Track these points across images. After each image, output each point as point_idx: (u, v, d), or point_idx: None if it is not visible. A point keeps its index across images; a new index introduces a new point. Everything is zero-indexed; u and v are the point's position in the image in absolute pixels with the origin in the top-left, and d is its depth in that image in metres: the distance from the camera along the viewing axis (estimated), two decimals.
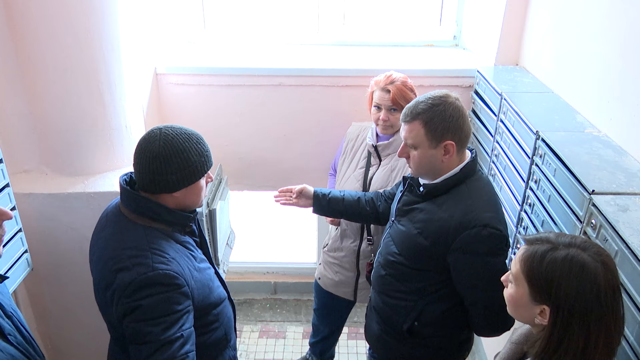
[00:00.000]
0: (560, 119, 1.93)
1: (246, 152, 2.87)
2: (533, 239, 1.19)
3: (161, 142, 1.42)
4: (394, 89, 2.19)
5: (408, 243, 1.76)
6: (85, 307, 2.28)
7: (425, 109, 1.64)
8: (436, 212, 1.69)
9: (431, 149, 1.66)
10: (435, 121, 1.63)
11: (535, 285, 1.14)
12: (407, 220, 1.79)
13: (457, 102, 1.66)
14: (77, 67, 2.01)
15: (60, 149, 2.17)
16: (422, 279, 1.78)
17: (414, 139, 1.67)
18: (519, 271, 1.18)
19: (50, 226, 2.19)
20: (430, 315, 1.81)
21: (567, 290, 1.09)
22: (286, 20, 3.03)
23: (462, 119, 1.65)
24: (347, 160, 2.45)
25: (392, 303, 1.88)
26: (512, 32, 2.54)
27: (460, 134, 1.65)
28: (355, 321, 3.39)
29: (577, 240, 1.14)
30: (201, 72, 2.67)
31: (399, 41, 3.04)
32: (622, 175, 1.55)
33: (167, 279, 1.39)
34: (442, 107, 1.63)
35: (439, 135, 1.63)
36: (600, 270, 1.09)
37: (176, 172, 1.43)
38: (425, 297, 1.80)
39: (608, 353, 1.12)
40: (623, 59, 1.73)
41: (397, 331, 1.88)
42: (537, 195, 1.81)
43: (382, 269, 1.89)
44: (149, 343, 1.36)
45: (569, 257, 1.10)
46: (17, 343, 1.25)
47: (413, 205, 1.77)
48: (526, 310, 1.19)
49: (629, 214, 1.37)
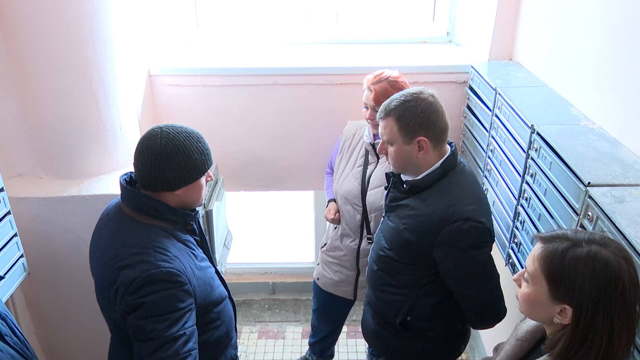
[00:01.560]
0: (555, 113, 1.93)
1: (241, 152, 2.87)
2: (550, 237, 1.16)
3: (162, 140, 1.43)
4: (377, 88, 2.19)
5: (396, 238, 1.79)
6: (83, 310, 2.27)
7: (398, 106, 1.68)
8: (420, 208, 1.72)
9: (405, 145, 1.69)
10: (407, 117, 1.66)
11: (557, 284, 1.12)
12: (395, 216, 1.81)
13: (431, 98, 1.68)
14: (70, 69, 2.01)
15: (54, 152, 2.16)
16: (412, 272, 1.81)
17: (389, 135, 1.71)
18: (537, 270, 1.15)
19: (46, 230, 2.18)
20: (422, 308, 1.83)
21: (591, 287, 1.07)
22: (279, 20, 3.02)
23: (436, 114, 1.67)
24: (344, 159, 2.44)
25: (384, 298, 1.90)
26: (505, 27, 2.54)
27: (434, 130, 1.67)
28: (355, 320, 3.39)
29: (596, 237, 1.12)
30: (195, 72, 2.67)
31: (392, 38, 3.04)
32: (617, 167, 1.55)
33: (170, 277, 1.39)
34: (414, 103, 1.66)
35: (412, 132, 1.66)
36: (624, 266, 1.07)
37: (177, 170, 1.45)
38: (416, 291, 1.82)
39: (628, 347, 1.11)
40: (616, 52, 1.73)
41: (391, 325, 1.91)
42: (533, 189, 1.81)
43: (375, 264, 1.91)
44: (153, 340, 1.36)
45: (592, 254, 1.08)
46: (13, 344, 1.25)
47: (399, 201, 1.80)
48: (544, 309, 1.16)
49: (625, 205, 1.37)
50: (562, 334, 1.14)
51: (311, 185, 3.01)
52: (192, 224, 1.58)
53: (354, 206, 2.36)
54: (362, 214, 2.35)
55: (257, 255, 3.83)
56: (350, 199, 2.36)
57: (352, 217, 2.38)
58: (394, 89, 2.20)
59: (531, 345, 1.32)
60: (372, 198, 2.30)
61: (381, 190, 2.27)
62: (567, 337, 1.12)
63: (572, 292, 1.10)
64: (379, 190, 2.29)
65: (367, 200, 2.31)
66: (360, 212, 2.35)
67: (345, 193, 2.37)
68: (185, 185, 1.48)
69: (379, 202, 2.28)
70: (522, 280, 1.23)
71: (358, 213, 2.36)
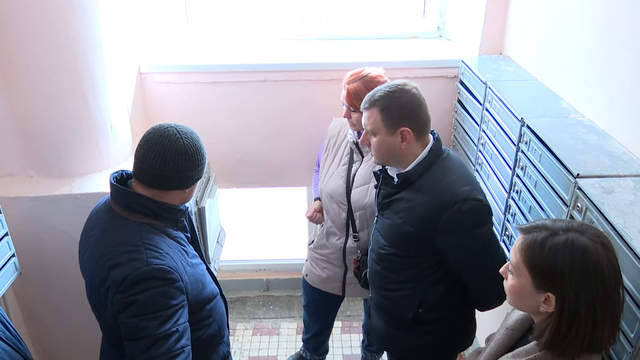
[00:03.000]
0: (544, 106, 1.94)
1: (233, 150, 2.86)
2: (529, 228, 1.18)
3: (184, 140, 1.45)
4: (351, 88, 2.17)
5: (395, 233, 1.79)
6: (76, 310, 2.26)
7: (382, 96, 1.69)
8: (416, 199, 1.72)
9: (389, 136, 1.70)
10: (392, 108, 1.68)
11: (538, 273, 1.13)
12: (390, 212, 1.81)
13: (415, 90, 1.70)
14: (59, 67, 1.99)
15: (45, 151, 2.15)
16: (416, 265, 1.80)
17: (372, 125, 1.72)
18: (520, 261, 1.17)
19: (38, 229, 2.17)
20: (431, 299, 1.83)
21: (571, 274, 1.09)
22: (270, 16, 3.02)
23: (419, 106, 1.69)
24: (329, 157, 2.43)
25: (392, 296, 1.89)
26: (495, 22, 2.55)
27: (417, 122, 1.69)
28: (349, 315, 3.41)
29: (574, 224, 1.14)
30: (185, 70, 2.66)
31: (383, 34, 3.04)
32: (606, 159, 1.57)
33: (162, 274, 1.39)
34: (399, 94, 1.68)
35: (396, 122, 1.68)
36: (601, 251, 1.09)
37: (196, 168, 1.49)
38: (422, 283, 1.81)
39: (613, 333, 1.13)
40: (604, 45, 1.75)
41: (402, 322, 1.88)
42: (523, 182, 1.82)
43: (377, 264, 1.89)
44: (145, 338, 1.36)
45: (569, 242, 1.10)
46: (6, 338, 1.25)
47: (392, 197, 1.79)
48: (530, 299, 1.18)
49: (613, 195, 1.38)
50: (548, 322, 1.15)
51: (304, 182, 3.01)
52: (182, 221, 1.58)
53: (339, 204, 2.35)
54: (347, 212, 2.34)
55: (251, 252, 3.82)
56: (336, 197, 2.35)
57: (337, 215, 2.38)
58: (368, 89, 2.08)
59: (521, 334, 1.34)
60: (356, 196, 2.30)
61: (365, 188, 2.28)
62: (552, 325, 1.14)
63: (553, 280, 1.12)
64: (363, 189, 2.28)
65: (352, 198, 2.31)
66: (345, 210, 2.34)
67: (331, 191, 2.36)
68: (195, 183, 1.53)
69: (363, 200, 2.28)
70: (507, 272, 1.24)
71: (343, 211, 2.35)
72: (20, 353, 1.28)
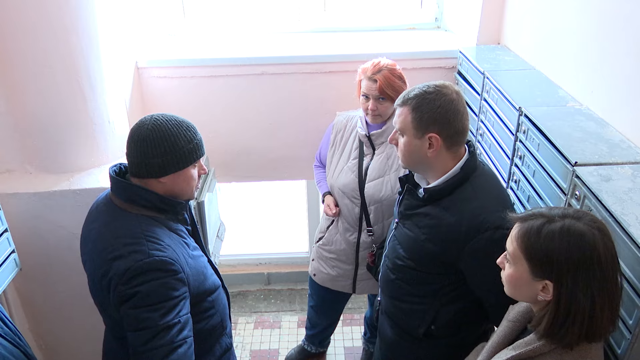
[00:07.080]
0: (542, 95, 1.94)
1: (232, 143, 2.86)
2: (525, 216, 1.18)
3: (150, 126, 1.45)
4: (381, 78, 2.14)
5: (416, 248, 1.67)
6: (78, 305, 2.27)
7: (417, 95, 1.56)
8: (443, 217, 1.58)
9: (416, 139, 1.57)
10: (423, 109, 1.54)
11: (535, 261, 1.13)
12: (412, 225, 1.68)
13: (454, 95, 1.55)
14: (56, 63, 1.98)
15: (43, 147, 2.15)
16: (434, 282, 1.69)
17: (402, 123, 1.60)
18: (517, 249, 1.17)
19: (37, 225, 2.17)
20: (446, 317, 1.72)
21: (568, 260, 1.09)
22: (267, 9, 3.01)
23: (454, 113, 1.54)
24: (337, 152, 2.39)
25: (405, 308, 1.79)
26: (492, 12, 2.54)
27: (448, 129, 1.54)
28: (350, 307, 3.41)
29: (570, 211, 1.15)
30: (183, 64, 2.65)
31: (380, 25, 3.03)
32: (604, 146, 1.57)
33: (164, 265, 1.39)
34: (434, 96, 1.54)
35: (425, 125, 1.54)
36: (598, 237, 1.09)
37: (162, 155, 1.44)
38: (439, 299, 1.71)
39: (612, 320, 1.12)
40: (601, 33, 1.74)
41: (413, 335, 1.80)
42: (522, 171, 1.82)
43: (392, 273, 1.79)
44: (147, 329, 1.36)
45: (566, 228, 1.10)
46: (4, 334, 1.25)
47: (416, 209, 1.66)
48: (527, 288, 1.18)
49: (611, 183, 1.38)
50: (546, 310, 1.15)
51: (303, 175, 3.01)
52: (183, 213, 1.58)
53: (352, 199, 2.32)
54: (360, 206, 2.31)
55: (252, 246, 3.83)
56: (348, 193, 2.31)
57: (350, 210, 2.34)
58: (395, 76, 2.17)
59: (522, 327, 1.34)
60: (371, 190, 2.26)
61: (380, 181, 2.25)
62: (550, 313, 1.14)
63: (550, 267, 1.12)
64: (378, 182, 2.25)
65: (366, 192, 2.27)
66: (358, 205, 2.31)
67: (342, 187, 2.32)
68: (171, 173, 1.47)
69: (378, 193, 2.24)
70: (505, 262, 1.24)
71: (356, 206, 2.32)
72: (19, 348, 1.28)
